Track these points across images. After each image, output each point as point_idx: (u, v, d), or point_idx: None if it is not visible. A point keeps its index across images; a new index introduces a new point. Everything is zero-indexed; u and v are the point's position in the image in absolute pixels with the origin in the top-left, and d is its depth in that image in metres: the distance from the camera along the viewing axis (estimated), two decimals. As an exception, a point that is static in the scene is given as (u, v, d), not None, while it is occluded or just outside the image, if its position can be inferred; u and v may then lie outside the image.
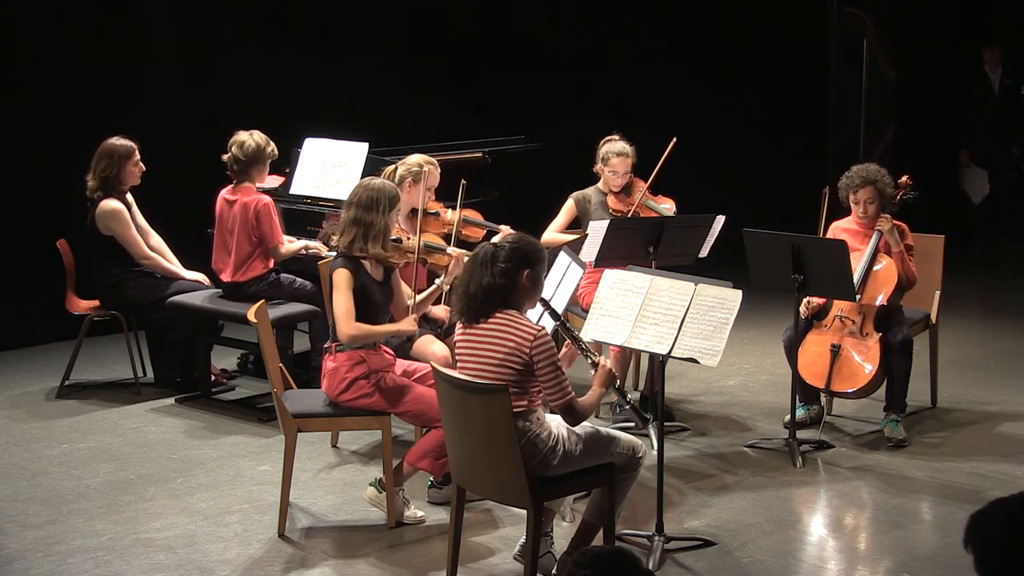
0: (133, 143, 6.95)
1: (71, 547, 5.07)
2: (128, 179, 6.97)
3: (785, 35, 11.01)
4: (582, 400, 4.46)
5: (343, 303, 5.15)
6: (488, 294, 4.44)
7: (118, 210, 6.89)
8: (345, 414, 5.28)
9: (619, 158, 6.54)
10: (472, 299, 4.47)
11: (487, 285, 4.44)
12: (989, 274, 10.73)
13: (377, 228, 5.26)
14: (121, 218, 6.90)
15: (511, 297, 4.47)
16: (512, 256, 4.46)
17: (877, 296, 6.22)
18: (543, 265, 4.59)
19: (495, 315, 4.44)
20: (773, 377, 7.29)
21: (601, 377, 4.56)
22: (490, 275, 4.44)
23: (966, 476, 5.82)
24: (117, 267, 6.96)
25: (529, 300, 4.55)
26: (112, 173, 6.89)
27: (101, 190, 6.89)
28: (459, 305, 4.53)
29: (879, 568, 4.96)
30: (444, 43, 9.71)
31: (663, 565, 4.86)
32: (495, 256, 4.47)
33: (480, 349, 4.45)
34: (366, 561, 4.98)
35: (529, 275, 4.48)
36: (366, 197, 5.30)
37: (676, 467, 5.89)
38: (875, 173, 6.32)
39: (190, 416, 6.75)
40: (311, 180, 7.29)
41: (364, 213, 5.26)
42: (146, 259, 6.99)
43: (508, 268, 4.44)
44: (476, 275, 4.47)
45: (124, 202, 6.97)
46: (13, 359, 7.87)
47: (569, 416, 4.44)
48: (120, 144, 6.93)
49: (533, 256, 4.50)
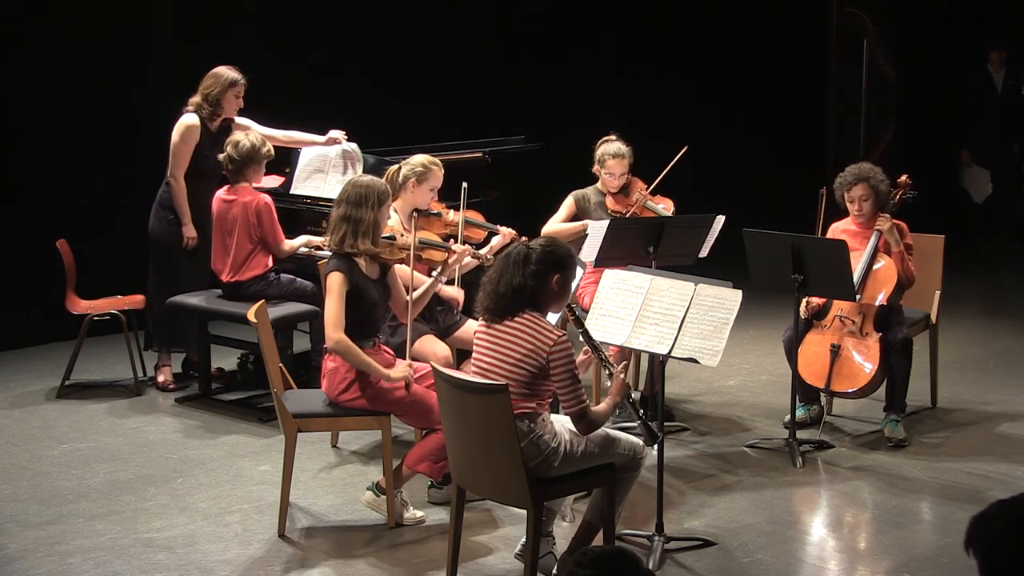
0: (242, 76, 7.00)
1: (71, 547, 5.07)
2: (227, 106, 7.00)
3: (785, 35, 11.01)
4: (595, 408, 4.47)
5: (333, 310, 5.14)
6: (517, 294, 4.46)
7: (188, 126, 6.93)
8: (345, 414, 5.27)
9: (615, 160, 6.54)
10: (501, 298, 4.48)
11: (517, 285, 4.45)
12: (989, 274, 10.73)
13: (366, 224, 5.25)
14: (184, 134, 6.92)
15: (538, 299, 4.48)
16: (544, 259, 4.48)
17: (877, 296, 6.22)
18: (573, 271, 4.61)
19: (519, 315, 4.46)
20: (773, 377, 7.29)
21: (617, 388, 4.57)
22: (521, 276, 4.46)
23: (966, 476, 5.82)
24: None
25: (556, 304, 4.56)
26: (213, 92, 6.94)
27: (197, 105, 6.97)
28: (486, 302, 4.53)
29: (879, 568, 4.96)
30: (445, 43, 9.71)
31: (663, 565, 4.86)
32: (528, 257, 4.48)
33: (499, 346, 4.46)
34: (366, 561, 4.98)
35: (559, 280, 4.50)
36: (355, 194, 5.29)
37: (676, 467, 5.89)
38: (867, 171, 6.34)
39: (190, 416, 6.76)
40: (311, 180, 7.30)
41: (353, 209, 5.26)
42: (173, 179, 6.97)
43: (539, 270, 4.46)
44: (507, 275, 4.48)
45: (213, 127, 6.99)
46: (13, 359, 7.87)
47: (581, 424, 4.44)
48: (228, 71, 6.98)
49: (564, 261, 4.53)
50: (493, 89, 9.81)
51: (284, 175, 7.40)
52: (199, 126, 6.95)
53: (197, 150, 6.96)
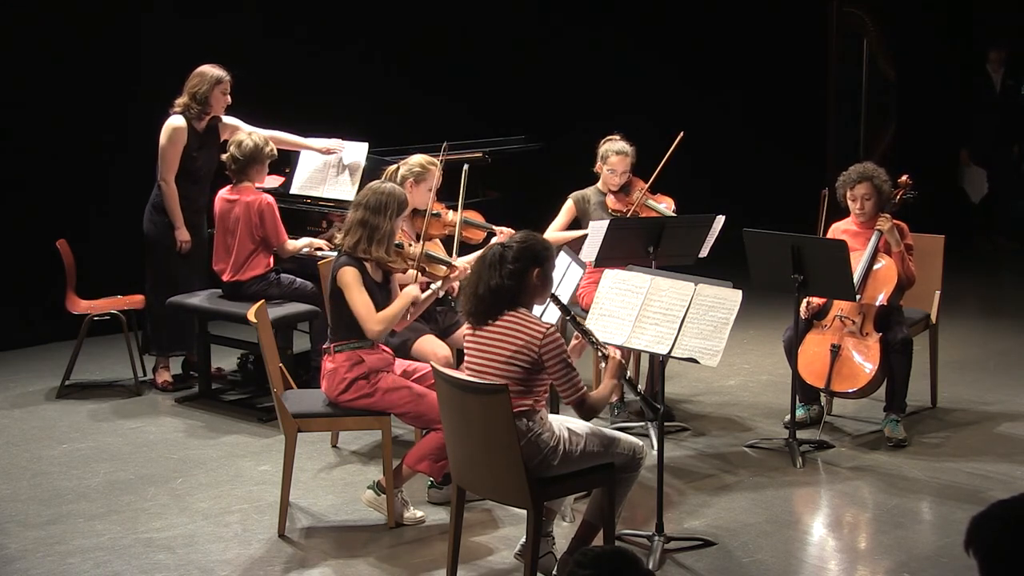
0: (227, 73, 6.98)
1: (71, 547, 5.07)
2: (215, 104, 6.98)
3: (785, 35, 11.01)
4: (594, 394, 4.47)
5: (362, 301, 5.14)
6: (497, 296, 4.44)
7: (175, 128, 6.91)
8: (345, 414, 5.27)
9: (618, 157, 6.55)
10: (480, 301, 4.47)
11: (496, 287, 4.44)
12: (989, 274, 10.73)
13: (383, 232, 5.26)
14: (171, 136, 6.91)
15: (521, 297, 4.47)
16: (521, 256, 4.46)
17: (877, 296, 6.22)
18: (552, 262, 4.59)
19: (504, 315, 4.45)
20: (773, 377, 7.29)
21: (612, 369, 4.55)
22: (498, 277, 4.44)
23: (966, 476, 5.82)
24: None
25: (539, 298, 4.56)
26: (201, 90, 6.93)
27: (185, 106, 6.95)
28: (467, 307, 4.52)
29: (879, 568, 4.96)
30: (445, 44, 9.70)
31: (663, 565, 4.86)
32: (503, 257, 4.46)
33: (488, 347, 4.45)
34: (366, 561, 4.98)
35: (539, 274, 4.49)
36: (375, 200, 5.29)
37: (676, 467, 5.89)
38: (871, 170, 6.36)
39: (190, 416, 6.76)
40: (311, 180, 7.30)
41: (372, 216, 5.26)
42: (164, 182, 6.95)
43: (517, 268, 4.44)
44: (484, 277, 4.46)
45: (200, 128, 6.98)
46: (13, 359, 7.87)
47: (581, 410, 4.44)
48: (213, 68, 6.97)
49: (542, 254, 4.50)
50: (493, 89, 9.80)
51: (284, 175, 7.40)
52: (186, 128, 6.94)
53: (185, 151, 6.95)
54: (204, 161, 7.00)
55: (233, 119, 7.08)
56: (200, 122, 6.99)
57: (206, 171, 7.07)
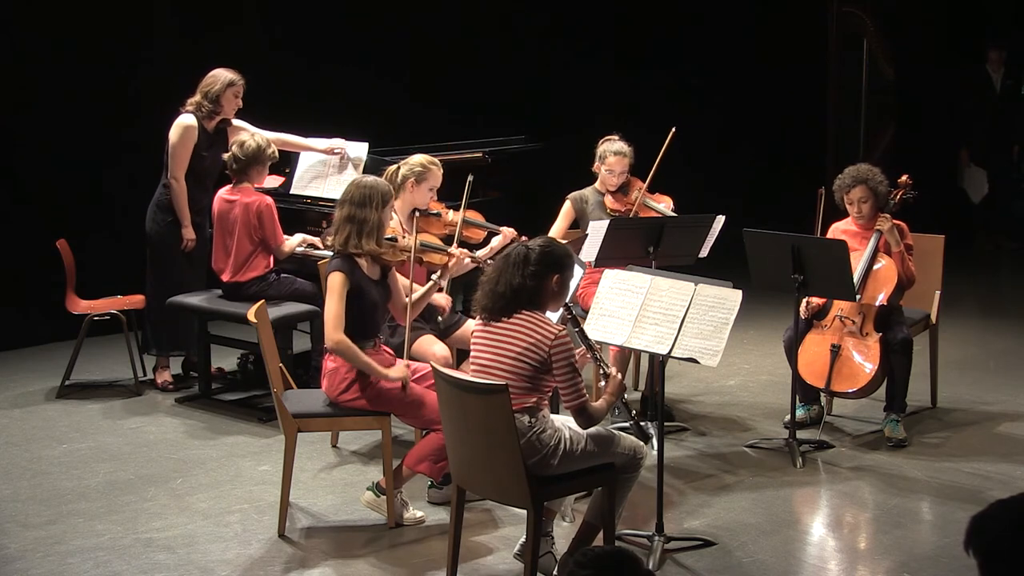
0: (240, 77, 6.99)
1: (71, 547, 5.07)
2: (226, 105, 6.99)
3: (785, 35, 11.01)
4: (594, 405, 4.50)
5: (333, 309, 5.15)
6: (516, 294, 4.50)
7: (186, 126, 6.91)
8: (345, 414, 5.27)
9: (616, 157, 6.55)
10: (499, 298, 4.52)
11: (516, 286, 4.50)
12: (989, 274, 10.73)
13: (371, 224, 5.26)
14: (183, 134, 6.91)
15: (537, 299, 4.53)
16: (543, 259, 4.52)
17: (877, 296, 6.22)
18: (571, 271, 4.65)
19: (518, 314, 4.48)
20: (773, 377, 7.29)
21: (613, 388, 4.61)
22: (520, 276, 4.50)
23: (966, 476, 5.82)
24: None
25: (554, 303, 4.61)
26: (213, 90, 6.94)
27: (196, 105, 6.96)
28: (484, 301, 4.57)
29: (879, 568, 4.97)
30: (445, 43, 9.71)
31: (663, 565, 4.86)
32: (527, 258, 4.52)
33: (498, 343, 4.49)
34: (366, 561, 4.98)
35: (558, 280, 4.54)
36: (359, 194, 5.30)
37: (676, 467, 5.89)
38: (866, 172, 6.34)
39: (190, 416, 6.76)
40: (311, 180, 7.30)
41: (357, 210, 5.26)
42: (175, 179, 6.93)
43: (538, 271, 4.50)
44: (506, 275, 4.53)
45: (210, 128, 6.98)
46: (13, 359, 7.87)
47: (581, 418, 4.47)
48: (227, 71, 6.99)
49: (563, 261, 4.57)
50: (493, 89, 9.80)
51: (284, 175, 7.40)
52: (196, 126, 6.94)
53: (194, 151, 6.96)
54: (211, 162, 6.99)
55: (243, 123, 7.08)
56: (210, 122, 7.00)
57: (212, 172, 7.07)
